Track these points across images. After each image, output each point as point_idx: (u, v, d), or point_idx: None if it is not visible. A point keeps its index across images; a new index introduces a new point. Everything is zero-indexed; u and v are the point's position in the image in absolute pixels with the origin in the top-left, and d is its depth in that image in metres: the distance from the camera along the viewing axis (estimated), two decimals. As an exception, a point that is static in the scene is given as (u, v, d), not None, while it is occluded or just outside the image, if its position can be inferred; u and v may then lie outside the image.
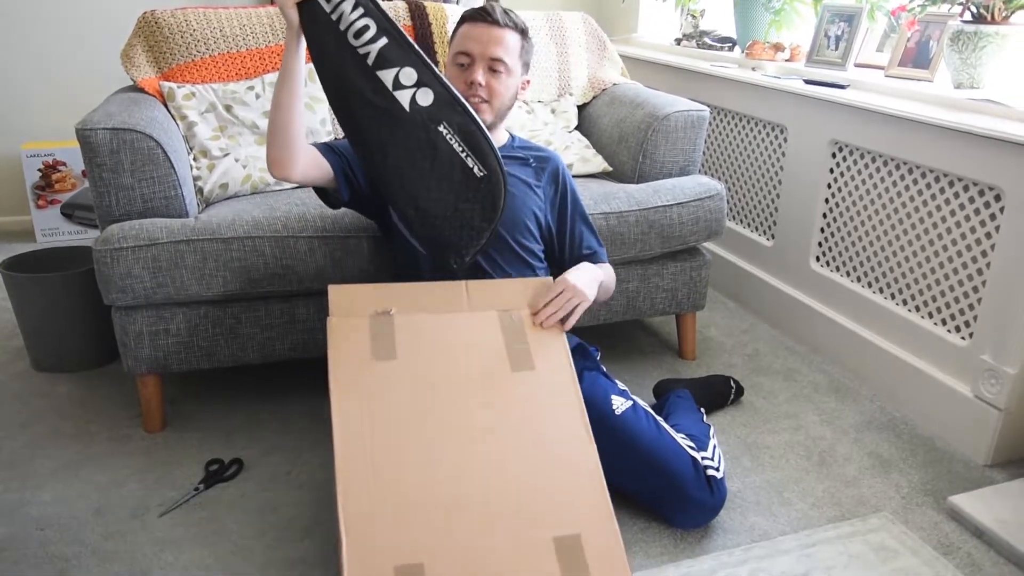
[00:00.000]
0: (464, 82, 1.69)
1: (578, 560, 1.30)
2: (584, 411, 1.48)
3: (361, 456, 1.34)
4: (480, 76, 1.68)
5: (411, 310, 1.53)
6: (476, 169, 1.57)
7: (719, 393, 2.09)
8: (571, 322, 1.60)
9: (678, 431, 1.72)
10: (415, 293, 1.56)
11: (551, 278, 1.65)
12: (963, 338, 1.95)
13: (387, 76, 1.53)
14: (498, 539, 1.30)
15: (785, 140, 2.50)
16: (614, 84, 2.59)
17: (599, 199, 2.08)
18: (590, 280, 1.69)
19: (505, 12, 1.71)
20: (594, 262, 1.85)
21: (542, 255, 1.83)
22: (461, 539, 1.30)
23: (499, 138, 1.80)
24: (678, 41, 3.29)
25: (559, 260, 1.87)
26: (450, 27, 2.43)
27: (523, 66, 1.76)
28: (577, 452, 1.43)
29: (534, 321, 1.57)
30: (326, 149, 1.70)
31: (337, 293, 1.53)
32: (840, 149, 2.29)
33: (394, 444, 1.37)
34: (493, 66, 1.69)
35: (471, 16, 1.71)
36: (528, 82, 1.80)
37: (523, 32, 1.74)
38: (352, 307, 1.52)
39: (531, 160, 1.83)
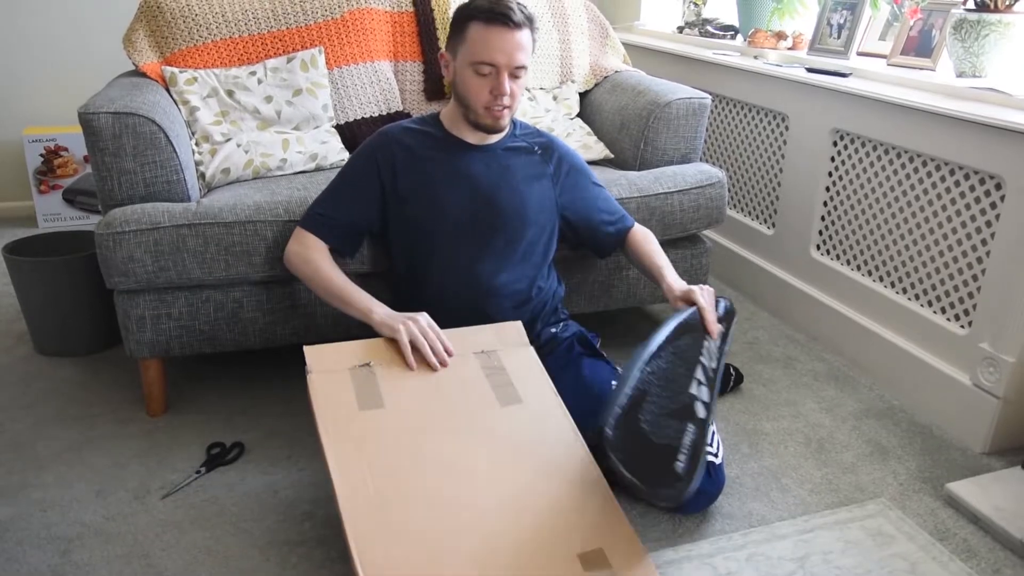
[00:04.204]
0: (489, 92, 1.64)
1: (606, 571, 1.30)
2: (578, 433, 1.49)
3: (367, 501, 1.31)
4: (507, 86, 1.63)
5: (389, 363, 1.55)
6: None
7: (719, 380, 2.10)
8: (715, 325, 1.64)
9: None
10: (389, 347, 1.57)
11: (519, 323, 1.67)
12: (962, 326, 1.96)
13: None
14: (524, 565, 1.28)
15: (786, 128, 2.49)
16: (616, 71, 2.59)
17: (600, 186, 2.08)
18: (675, 276, 1.79)
19: (521, 7, 1.63)
20: (628, 225, 1.93)
21: (552, 253, 1.83)
22: (486, 570, 1.27)
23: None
24: (680, 29, 3.28)
25: (594, 235, 1.90)
26: (451, 13, 2.43)
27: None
28: (581, 471, 1.44)
29: (711, 331, 1.61)
30: (338, 241, 1.76)
31: (313, 352, 1.53)
32: (841, 137, 2.29)
33: (399, 491, 1.34)
34: (516, 73, 1.64)
35: (487, 17, 1.60)
36: None
37: (533, 22, 1.66)
38: (331, 363, 1.52)
39: (536, 148, 1.81)
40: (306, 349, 1.52)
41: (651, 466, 1.40)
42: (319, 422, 1.42)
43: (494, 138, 1.76)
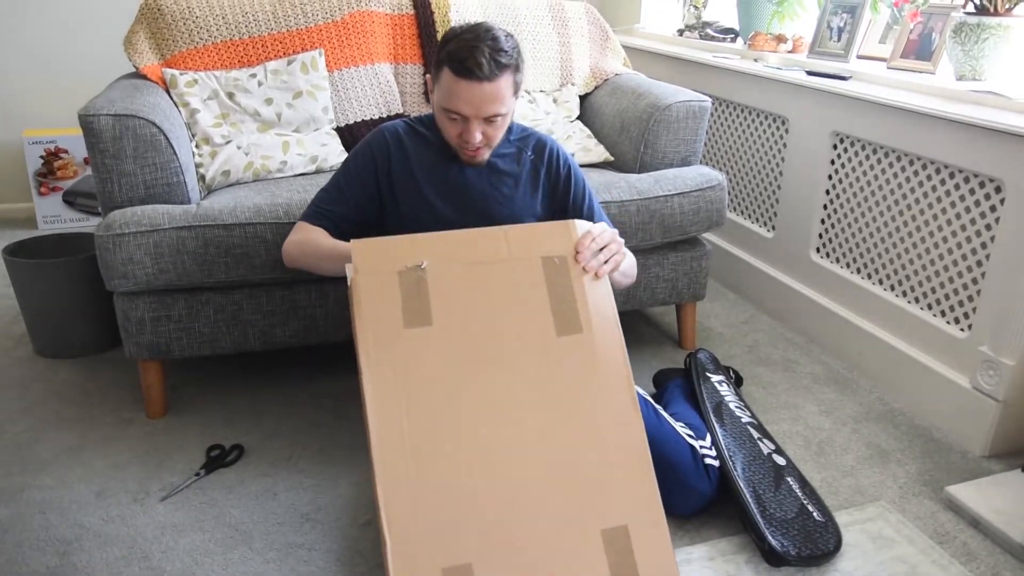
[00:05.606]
0: (455, 136, 1.62)
1: (626, 554, 1.25)
2: (631, 379, 1.37)
3: (400, 447, 1.24)
4: (476, 135, 1.59)
5: (445, 261, 1.36)
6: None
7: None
8: (607, 269, 1.46)
9: (677, 420, 1.73)
10: (449, 241, 1.39)
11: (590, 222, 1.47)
12: (962, 330, 1.96)
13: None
14: (546, 534, 1.24)
15: (787, 131, 2.50)
16: (616, 74, 2.59)
17: (600, 188, 2.08)
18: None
19: (495, 56, 1.52)
20: None
21: None
22: (508, 536, 1.22)
23: None
24: (681, 32, 3.29)
25: None
26: (453, 15, 2.43)
27: (517, 91, 1.62)
28: (625, 431, 1.33)
29: (579, 260, 1.41)
30: (339, 233, 1.71)
31: (361, 247, 1.34)
32: (841, 140, 2.29)
33: (434, 431, 1.26)
34: (490, 119, 1.59)
35: (460, 70, 1.52)
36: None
37: (514, 64, 1.57)
38: (379, 262, 1.34)
39: (529, 152, 1.76)
40: (353, 243, 1.34)
41: (806, 537, 1.55)
42: (359, 341, 1.29)
43: None
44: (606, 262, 1.44)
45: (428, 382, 1.29)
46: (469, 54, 1.51)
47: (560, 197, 1.79)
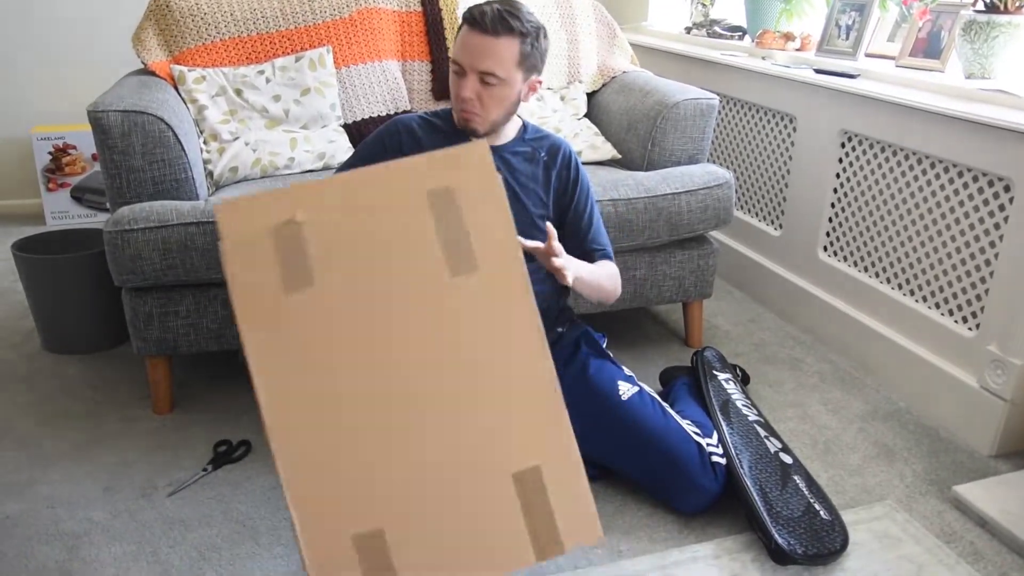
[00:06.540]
0: (455, 93, 1.62)
1: (540, 494, 1.22)
2: (538, 318, 1.29)
3: (294, 419, 1.18)
4: (469, 90, 1.59)
5: (322, 211, 1.24)
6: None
7: (725, 381, 2.10)
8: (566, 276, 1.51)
9: (683, 418, 1.73)
10: (324, 189, 1.26)
11: (484, 142, 1.32)
12: (970, 329, 1.95)
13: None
14: (456, 486, 1.20)
15: (794, 129, 2.49)
16: (624, 72, 2.58)
17: (608, 186, 2.08)
18: (576, 266, 1.62)
19: (503, 15, 1.56)
20: (597, 259, 1.79)
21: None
22: (417, 494, 1.19)
23: (508, 133, 1.73)
24: (688, 30, 3.28)
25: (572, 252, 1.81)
26: (460, 12, 2.43)
27: (526, 71, 1.63)
28: (532, 371, 1.26)
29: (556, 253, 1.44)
30: None
31: (226, 209, 1.21)
32: (849, 139, 2.28)
33: (328, 398, 1.20)
34: (484, 78, 1.59)
35: (468, 18, 1.59)
36: (539, 82, 1.69)
37: (525, 35, 1.58)
38: (249, 223, 1.22)
39: (542, 153, 1.76)
40: (216, 208, 1.21)
41: (813, 536, 1.55)
42: (237, 314, 1.19)
43: (499, 140, 1.73)
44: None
45: (316, 347, 1.21)
46: (480, 7, 1.59)
47: (565, 201, 1.78)
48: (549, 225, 1.51)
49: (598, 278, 1.71)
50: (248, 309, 1.20)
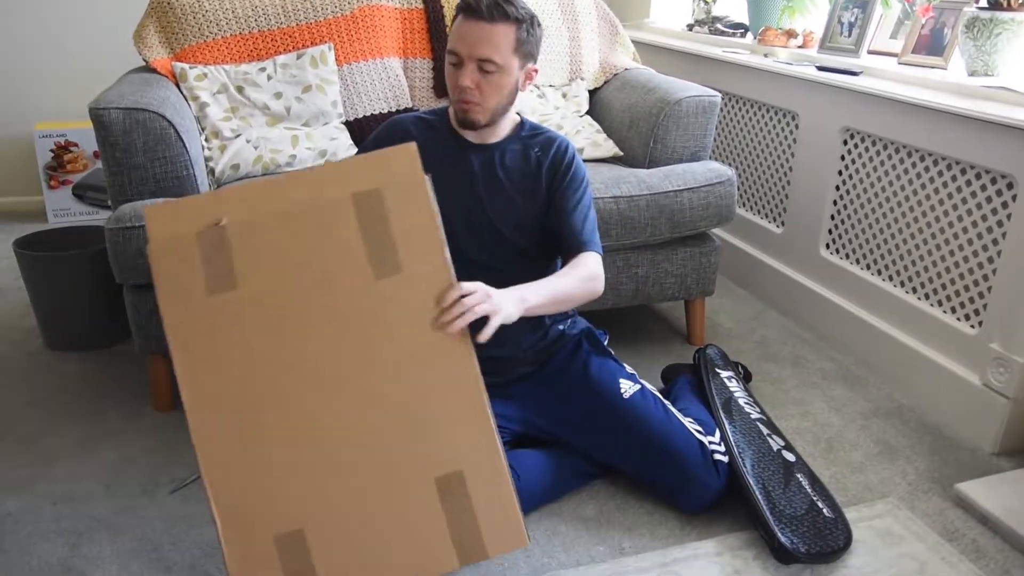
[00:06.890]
0: (453, 84, 1.60)
1: (462, 499, 1.23)
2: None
3: (218, 422, 1.21)
4: (468, 79, 1.57)
5: (247, 215, 1.25)
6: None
7: (727, 379, 2.09)
8: (485, 334, 1.34)
9: (686, 415, 1.73)
10: (250, 192, 1.28)
11: (413, 145, 1.33)
12: (972, 326, 1.95)
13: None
14: (378, 489, 1.22)
15: (796, 127, 2.49)
16: (626, 69, 2.58)
17: (610, 183, 2.08)
18: (517, 298, 1.46)
19: (499, 1, 1.55)
20: (582, 250, 1.68)
21: (536, 253, 1.75)
22: (339, 496, 1.21)
23: (504, 128, 1.71)
24: (690, 27, 3.27)
25: (555, 246, 1.75)
26: (462, 10, 2.43)
27: (523, 58, 1.60)
28: (456, 376, 1.26)
29: (436, 323, 1.28)
30: None
31: (154, 213, 1.24)
32: (852, 136, 2.28)
33: (251, 400, 1.22)
34: (483, 66, 1.57)
35: (463, 6, 1.58)
36: (535, 71, 1.66)
37: (520, 21, 1.57)
38: (175, 226, 1.24)
39: (536, 148, 1.72)
40: (146, 210, 1.25)
41: (816, 534, 1.55)
42: (163, 316, 1.22)
43: (494, 137, 1.72)
44: (480, 326, 1.34)
45: (239, 351, 1.23)
46: None
47: (554, 187, 1.71)
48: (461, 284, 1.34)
49: (554, 292, 1.57)
50: (173, 311, 1.23)
